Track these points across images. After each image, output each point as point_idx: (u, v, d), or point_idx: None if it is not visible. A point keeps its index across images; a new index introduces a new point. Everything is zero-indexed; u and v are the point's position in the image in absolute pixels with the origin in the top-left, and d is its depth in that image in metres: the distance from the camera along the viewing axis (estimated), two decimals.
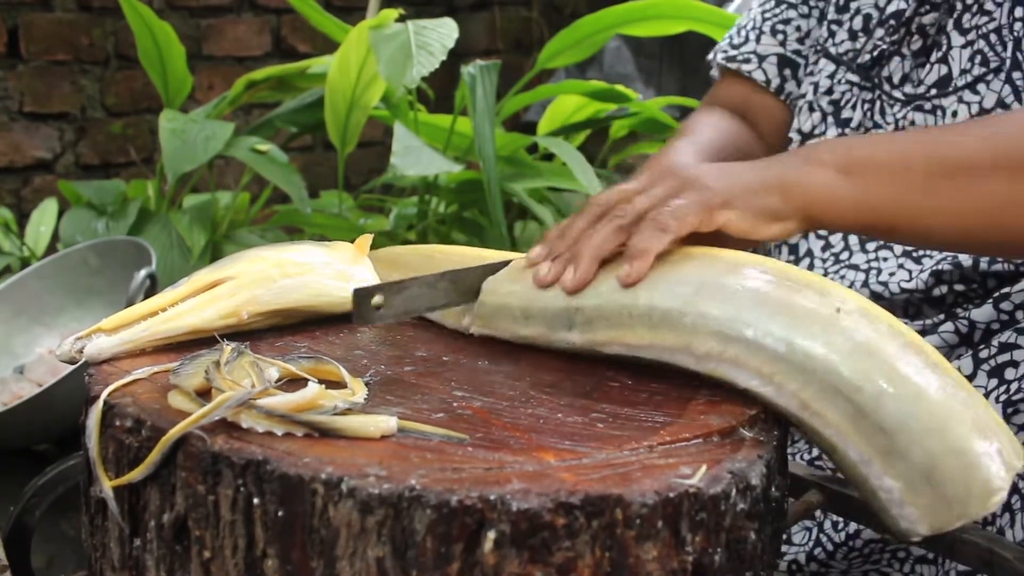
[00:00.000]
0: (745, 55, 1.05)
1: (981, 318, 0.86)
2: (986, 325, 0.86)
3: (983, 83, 0.84)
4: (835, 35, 0.97)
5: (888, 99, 0.91)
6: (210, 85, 2.45)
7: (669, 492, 0.52)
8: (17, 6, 2.23)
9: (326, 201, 1.98)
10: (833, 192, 0.70)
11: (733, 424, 0.60)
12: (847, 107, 0.94)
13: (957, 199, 0.69)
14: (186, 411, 0.56)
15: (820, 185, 0.70)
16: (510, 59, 2.48)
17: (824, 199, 0.70)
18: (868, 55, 0.93)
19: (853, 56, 0.94)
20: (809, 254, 0.97)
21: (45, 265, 1.52)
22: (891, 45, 0.91)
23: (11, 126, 2.26)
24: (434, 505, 0.49)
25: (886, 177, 0.70)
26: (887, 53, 0.92)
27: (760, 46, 1.05)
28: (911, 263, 0.90)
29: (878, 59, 0.92)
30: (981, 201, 0.69)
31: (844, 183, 0.70)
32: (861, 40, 0.94)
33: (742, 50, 1.06)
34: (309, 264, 0.75)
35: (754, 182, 0.69)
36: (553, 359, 0.70)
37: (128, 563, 0.58)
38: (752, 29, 1.06)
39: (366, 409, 0.58)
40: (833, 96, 0.95)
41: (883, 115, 0.90)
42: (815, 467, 0.89)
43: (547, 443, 0.56)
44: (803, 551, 0.91)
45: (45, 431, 1.34)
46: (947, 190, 0.69)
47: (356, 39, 1.65)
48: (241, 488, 0.52)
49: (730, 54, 1.07)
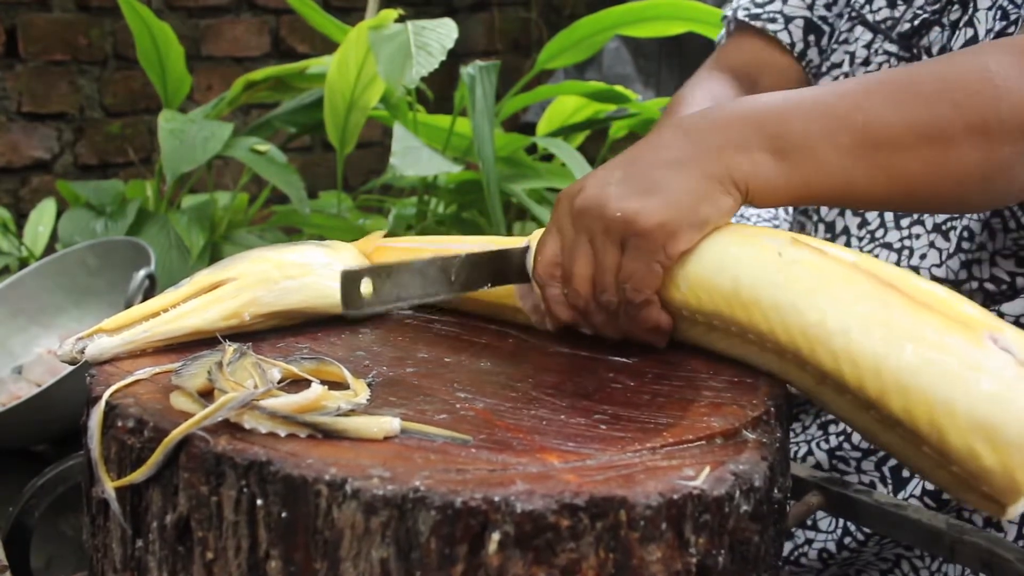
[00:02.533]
0: (771, 14, 1.00)
1: (1012, 311, 0.85)
2: (1015, 319, 0.84)
3: (1005, 36, 0.82)
4: (872, 2, 0.93)
5: None
6: (209, 85, 2.45)
7: (673, 494, 0.52)
8: (15, 6, 2.22)
9: (325, 201, 1.98)
10: (768, 180, 0.67)
11: (736, 426, 0.60)
12: None
13: (884, 173, 0.68)
14: (189, 412, 0.56)
15: (755, 174, 0.67)
16: (509, 60, 2.48)
17: (760, 187, 0.67)
18: (908, 24, 0.89)
19: (892, 25, 0.91)
20: (846, 231, 0.94)
21: (43, 265, 1.52)
22: (932, 14, 0.88)
23: (9, 126, 2.25)
24: (438, 506, 0.49)
25: (815, 156, 0.68)
26: (928, 22, 0.88)
27: (787, 7, 0.99)
28: (941, 240, 0.87)
29: (918, 28, 0.89)
30: (904, 174, 0.69)
31: (775, 168, 0.67)
32: (900, 8, 0.91)
33: (767, 8, 1.00)
34: (310, 265, 0.75)
35: (683, 195, 0.66)
36: (555, 360, 0.70)
37: (130, 564, 0.58)
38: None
39: (369, 410, 0.58)
40: (870, 68, 0.92)
41: None
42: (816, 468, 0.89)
43: (550, 444, 0.56)
44: (832, 539, 0.89)
45: (43, 431, 1.34)
46: (874, 165, 0.68)
47: (355, 39, 1.65)
48: (244, 489, 0.52)
49: (753, 11, 1.01)
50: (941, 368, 0.56)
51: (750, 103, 0.71)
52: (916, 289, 0.60)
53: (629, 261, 0.67)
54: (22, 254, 1.80)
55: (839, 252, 0.63)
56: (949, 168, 0.68)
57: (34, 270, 1.52)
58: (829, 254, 0.63)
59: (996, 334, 0.55)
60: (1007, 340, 0.55)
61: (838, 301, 0.60)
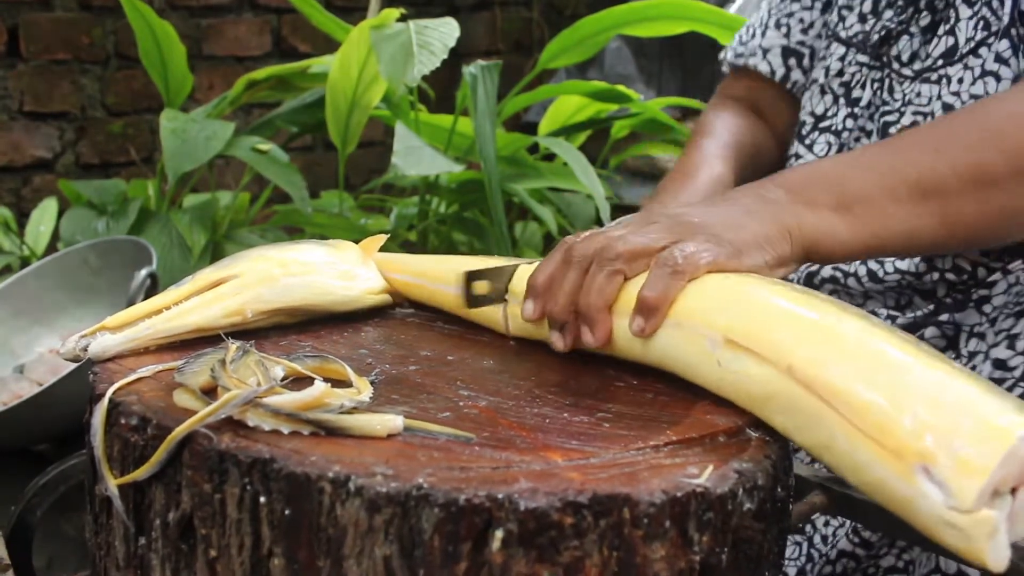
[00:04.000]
0: (751, 49, 1.08)
1: (966, 321, 0.87)
2: (970, 328, 0.87)
3: (985, 46, 0.85)
4: (845, 20, 0.99)
5: (898, 76, 0.92)
6: (210, 85, 2.45)
7: (677, 492, 0.52)
8: (17, 5, 2.22)
9: (326, 201, 1.98)
10: (834, 235, 0.71)
11: (739, 424, 0.60)
12: (857, 87, 0.96)
13: (941, 219, 0.73)
14: (192, 409, 0.56)
15: (820, 229, 0.71)
16: (511, 59, 2.48)
17: (826, 242, 0.71)
18: (877, 35, 0.95)
19: (863, 38, 0.96)
20: None
21: (45, 265, 1.52)
22: (899, 24, 0.93)
23: (11, 125, 2.25)
24: (442, 504, 0.49)
25: (879, 211, 0.72)
26: (895, 32, 0.93)
27: (764, 40, 1.07)
28: None
29: (886, 38, 0.94)
30: (960, 219, 0.74)
31: (841, 223, 0.72)
32: (870, 22, 0.96)
33: (748, 46, 1.09)
34: (313, 263, 0.75)
35: (761, 233, 0.69)
36: (558, 359, 0.70)
37: (133, 562, 0.58)
38: (759, 26, 1.08)
39: (372, 408, 0.58)
40: (844, 78, 0.97)
41: (891, 92, 0.92)
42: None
43: (554, 442, 0.56)
44: (795, 566, 0.92)
45: (45, 431, 1.34)
46: (930, 213, 0.73)
47: (357, 39, 1.65)
48: (247, 487, 0.52)
49: (738, 51, 1.10)
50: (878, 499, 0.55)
51: (812, 166, 0.78)
52: (851, 404, 0.54)
53: (688, 243, 0.66)
54: (24, 253, 1.80)
55: (777, 351, 0.58)
56: (1000, 208, 0.74)
57: (36, 269, 1.52)
58: (765, 359, 0.59)
59: (928, 464, 0.51)
60: (939, 472, 0.50)
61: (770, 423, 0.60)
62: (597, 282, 0.66)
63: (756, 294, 0.63)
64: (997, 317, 0.86)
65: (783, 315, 0.61)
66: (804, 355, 0.57)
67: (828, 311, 0.60)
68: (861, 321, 0.59)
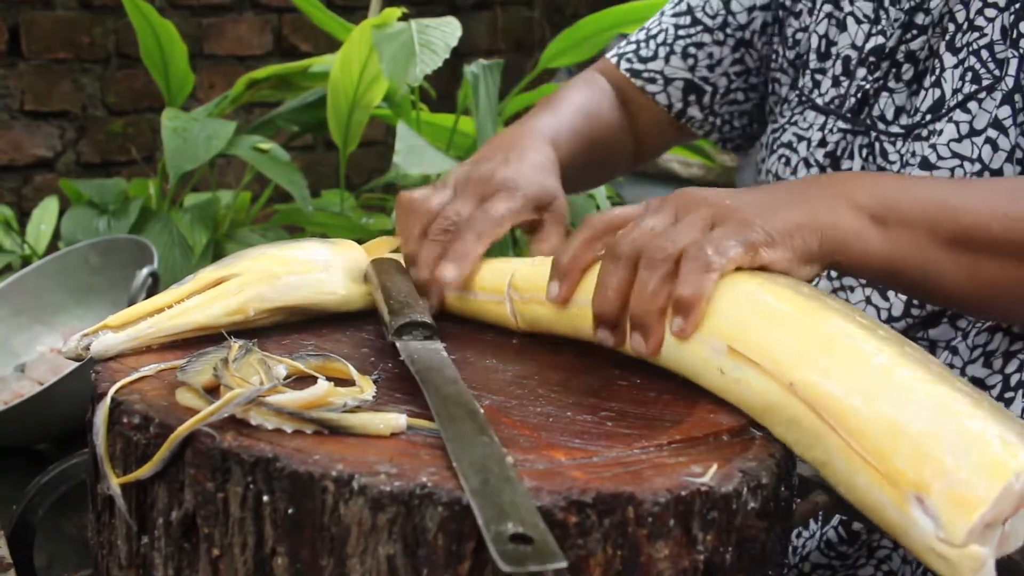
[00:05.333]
0: (652, 74, 1.02)
1: (940, 336, 0.84)
2: (946, 343, 0.84)
3: (974, 101, 0.81)
4: (820, 85, 0.93)
5: (887, 137, 0.87)
6: (211, 84, 2.45)
7: (681, 490, 0.52)
8: (18, 4, 2.22)
9: (327, 200, 1.98)
10: (864, 244, 0.67)
11: (743, 423, 0.60)
12: (845, 157, 0.90)
13: (969, 274, 0.69)
14: (194, 408, 0.56)
15: (852, 233, 0.67)
16: (512, 59, 2.48)
17: (854, 249, 0.67)
18: (853, 98, 0.89)
19: (840, 103, 0.91)
20: None
21: (46, 264, 1.52)
22: (875, 83, 0.88)
23: (12, 124, 2.25)
24: (445, 503, 0.49)
25: (913, 237, 0.68)
26: (872, 92, 0.88)
27: (668, 67, 1.01)
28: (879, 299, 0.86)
29: (863, 101, 0.89)
30: (989, 281, 0.69)
31: (875, 235, 0.67)
32: (844, 84, 0.90)
33: (649, 67, 1.02)
34: (314, 262, 0.75)
35: (794, 221, 0.65)
36: (561, 357, 0.70)
37: (135, 561, 0.58)
38: (663, 45, 1.02)
39: (375, 407, 0.58)
40: (828, 148, 0.91)
41: (885, 156, 0.87)
42: None
43: (557, 441, 0.56)
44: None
45: (46, 430, 1.34)
46: (963, 265, 0.69)
47: (358, 38, 1.65)
48: (251, 485, 0.52)
49: (635, 67, 1.02)
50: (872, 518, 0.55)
51: (875, 175, 0.74)
52: (851, 427, 0.54)
53: (718, 230, 0.64)
54: (24, 252, 1.80)
55: (779, 366, 0.58)
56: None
57: (36, 268, 1.51)
58: (768, 372, 0.58)
59: (923, 495, 0.51)
60: (933, 504, 0.50)
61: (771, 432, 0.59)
62: (651, 287, 0.63)
63: (763, 300, 0.61)
64: (970, 331, 0.83)
65: (788, 326, 0.59)
66: (806, 374, 0.56)
67: (835, 322, 0.59)
68: (867, 334, 0.58)
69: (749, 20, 0.99)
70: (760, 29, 0.99)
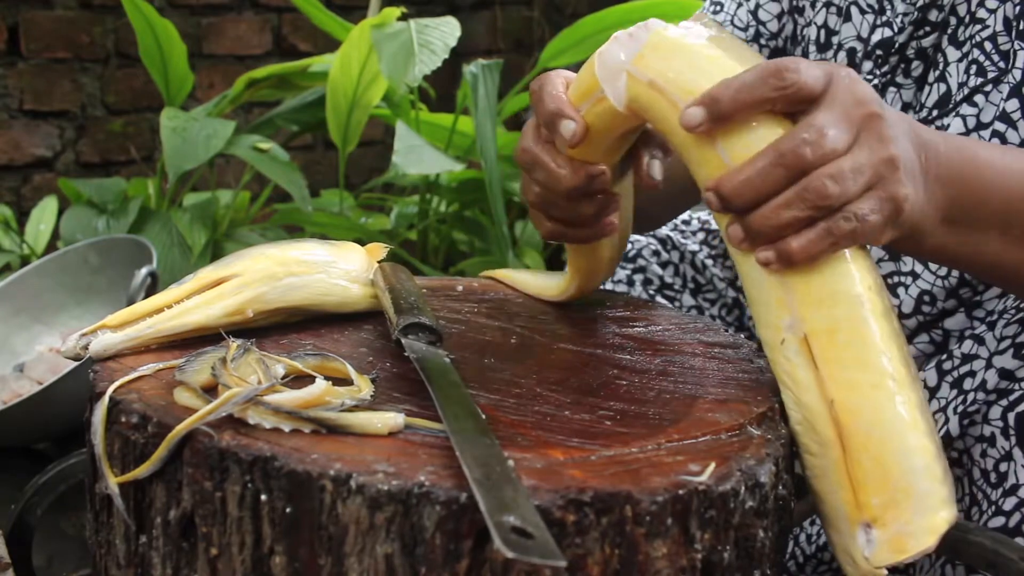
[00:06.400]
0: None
1: (955, 326, 0.84)
2: (959, 333, 0.84)
3: (980, 94, 0.81)
4: None
5: None
6: (211, 83, 2.45)
7: (678, 489, 0.52)
8: (17, 4, 2.22)
9: (327, 200, 1.98)
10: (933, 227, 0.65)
11: (741, 422, 0.60)
12: None
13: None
14: (192, 407, 0.56)
15: (930, 219, 0.65)
16: (511, 59, 2.48)
17: (924, 228, 0.64)
18: None
19: None
20: None
21: (45, 263, 1.52)
22: (882, 77, 0.86)
23: (11, 124, 2.25)
24: (443, 502, 0.49)
25: (982, 239, 0.67)
26: (880, 86, 0.86)
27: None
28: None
29: None
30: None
31: (940, 232, 0.66)
32: None
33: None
34: (314, 263, 0.75)
35: (912, 198, 0.62)
36: (559, 357, 0.70)
37: (133, 560, 0.58)
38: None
39: (373, 406, 0.58)
40: None
41: None
42: None
43: (555, 440, 0.56)
44: None
45: (45, 429, 1.34)
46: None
47: (358, 38, 1.65)
48: (248, 484, 0.52)
49: None
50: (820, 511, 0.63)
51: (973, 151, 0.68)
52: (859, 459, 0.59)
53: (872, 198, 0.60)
54: (24, 252, 1.80)
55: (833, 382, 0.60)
56: None
57: (36, 268, 1.52)
58: (820, 378, 0.61)
59: (874, 526, 0.59)
60: (876, 536, 0.59)
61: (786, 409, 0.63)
62: (790, 214, 0.59)
63: (862, 318, 0.61)
64: (997, 322, 0.81)
65: (865, 354, 0.60)
66: (849, 402, 0.60)
67: (892, 358, 0.60)
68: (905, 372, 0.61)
69: (780, 28, 0.98)
70: (791, 35, 0.98)
